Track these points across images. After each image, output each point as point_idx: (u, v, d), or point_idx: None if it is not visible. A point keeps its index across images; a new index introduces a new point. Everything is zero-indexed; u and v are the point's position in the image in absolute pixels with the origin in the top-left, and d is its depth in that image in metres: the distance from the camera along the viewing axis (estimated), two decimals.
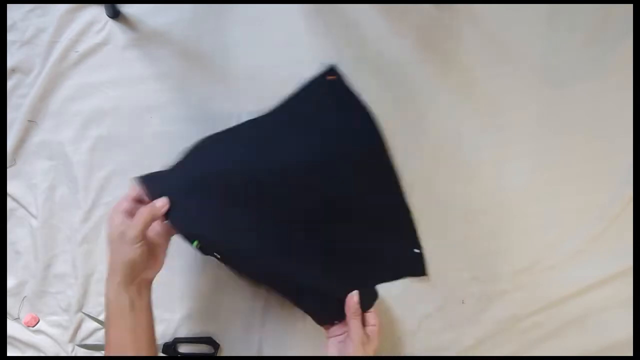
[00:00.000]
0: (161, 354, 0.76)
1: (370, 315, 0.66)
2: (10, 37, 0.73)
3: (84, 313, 0.76)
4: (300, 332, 0.75)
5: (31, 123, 0.74)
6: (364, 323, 0.65)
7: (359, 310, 0.65)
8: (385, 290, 0.73)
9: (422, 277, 0.73)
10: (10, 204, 0.76)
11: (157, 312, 0.75)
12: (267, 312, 0.75)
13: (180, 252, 0.74)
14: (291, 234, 0.68)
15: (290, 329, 0.75)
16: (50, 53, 0.72)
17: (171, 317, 0.76)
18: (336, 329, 0.67)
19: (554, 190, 0.72)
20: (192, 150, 0.66)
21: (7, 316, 0.77)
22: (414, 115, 0.73)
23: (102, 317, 0.76)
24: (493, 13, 0.69)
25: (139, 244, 0.57)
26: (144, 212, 0.58)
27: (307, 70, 0.70)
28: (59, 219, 0.76)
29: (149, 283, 0.62)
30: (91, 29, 0.72)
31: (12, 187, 0.76)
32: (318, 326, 0.72)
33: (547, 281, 0.73)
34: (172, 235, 0.63)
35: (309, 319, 0.73)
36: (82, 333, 0.77)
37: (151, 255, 0.60)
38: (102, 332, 0.77)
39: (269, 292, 0.74)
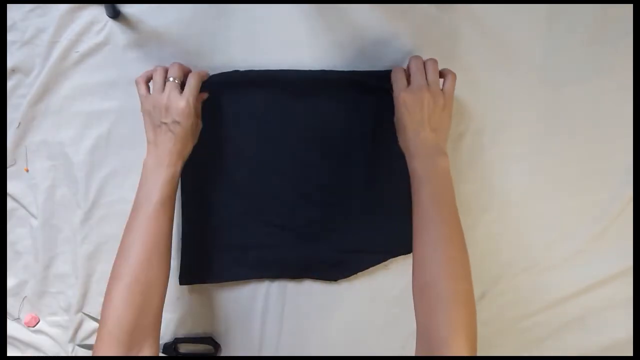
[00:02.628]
0: (161, 354, 0.76)
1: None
2: (10, 37, 0.73)
3: (84, 313, 0.76)
4: (300, 332, 0.75)
5: (31, 123, 0.74)
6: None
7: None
8: (386, 290, 0.74)
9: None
10: (10, 204, 0.76)
11: None
12: (267, 312, 0.75)
13: (179, 253, 0.74)
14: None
15: (290, 328, 0.75)
16: (50, 53, 0.72)
17: (171, 317, 0.76)
18: None
19: (554, 190, 0.72)
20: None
21: (7, 316, 0.77)
22: None
23: None
24: (493, 13, 0.69)
25: (193, 112, 0.58)
26: (195, 76, 0.60)
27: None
28: (59, 219, 0.76)
29: (183, 161, 0.62)
30: (91, 29, 0.72)
31: (12, 187, 0.76)
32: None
33: (547, 281, 0.73)
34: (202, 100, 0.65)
35: (309, 316, 0.73)
36: (82, 333, 0.77)
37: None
38: None
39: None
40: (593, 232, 0.72)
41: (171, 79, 0.60)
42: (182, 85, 0.62)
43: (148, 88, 0.65)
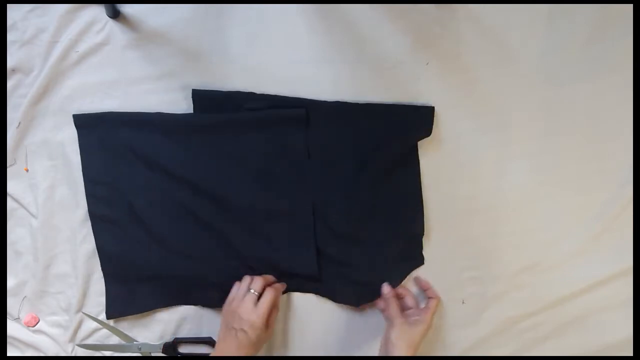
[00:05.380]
0: (161, 354, 0.76)
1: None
2: (10, 37, 0.73)
3: (84, 313, 0.76)
4: (299, 332, 0.75)
5: (31, 123, 0.74)
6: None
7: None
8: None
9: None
10: (10, 204, 0.76)
11: (157, 312, 0.76)
12: None
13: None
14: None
15: (289, 329, 0.75)
16: (50, 53, 0.73)
17: (171, 317, 0.76)
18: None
19: (554, 190, 0.72)
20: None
21: (7, 316, 0.77)
22: None
23: (102, 317, 0.76)
24: (493, 13, 0.69)
25: (262, 325, 0.63)
26: (271, 291, 0.66)
27: (307, 70, 0.71)
28: (59, 219, 0.76)
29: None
30: (91, 29, 0.72)
31: (12, 187, 0.76)
32: (317, 326, 0.72)
33: (547, 281, 0.73)
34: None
35: (308, 316, 0.73)
36: (82, 333, 0.77)
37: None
38: (102, 332, 0.77)
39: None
40: (593, 232, 0.72)
41: (252, 290, 0.66)
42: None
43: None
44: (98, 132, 0.73)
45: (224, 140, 0.71)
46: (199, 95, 0.71)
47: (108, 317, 0.75)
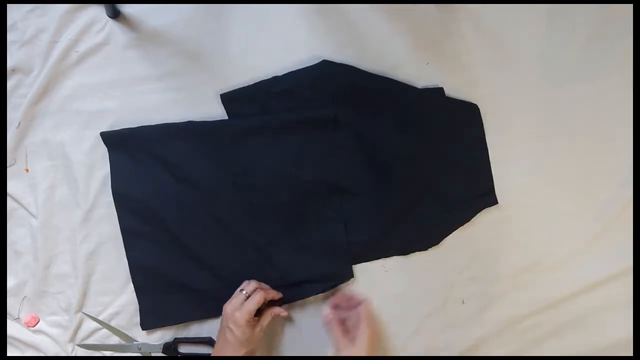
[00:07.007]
0: (161, 354, 0.76)
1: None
2: (10, 37, 0.73)
3: (84, 313, 0.76)
4: (299, 331, 0.75)
5: (31, 123, 0.74)
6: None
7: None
8: (386, 289, 0.73)
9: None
10: (10, 204, 0.76)
11: None
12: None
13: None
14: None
15: (289, 328, 0.75)
16: (50, 53, 0.73)
17: None
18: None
19: (554, 190, 0.72)
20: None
21: (7, 316, 0.77)
22: None
23: (102, 317, 0.76)
24: (493, 13, 0.69)
25: (245, 324, 0.64)
26: (259, 293, 0.66)
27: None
28: (59, 219, 0.76)
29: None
30: (91, 29, 0.72)
31: (12, 187, 0.76)
32: (317, 327, 0.72)
33: (547, 281, 0.73)
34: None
35: (307, 317, 0.73)
36: (82, 333, 0.77)
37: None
38: (102, 332, 0.77)
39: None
40: (593, 232, 0.72)
41: (243, 291, 0.67)
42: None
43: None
44: (127, 148, 0.72)
45: (253, 148, 0.71)
46: (227, 98, 0.71)
47: (143, 328, 0.75)
